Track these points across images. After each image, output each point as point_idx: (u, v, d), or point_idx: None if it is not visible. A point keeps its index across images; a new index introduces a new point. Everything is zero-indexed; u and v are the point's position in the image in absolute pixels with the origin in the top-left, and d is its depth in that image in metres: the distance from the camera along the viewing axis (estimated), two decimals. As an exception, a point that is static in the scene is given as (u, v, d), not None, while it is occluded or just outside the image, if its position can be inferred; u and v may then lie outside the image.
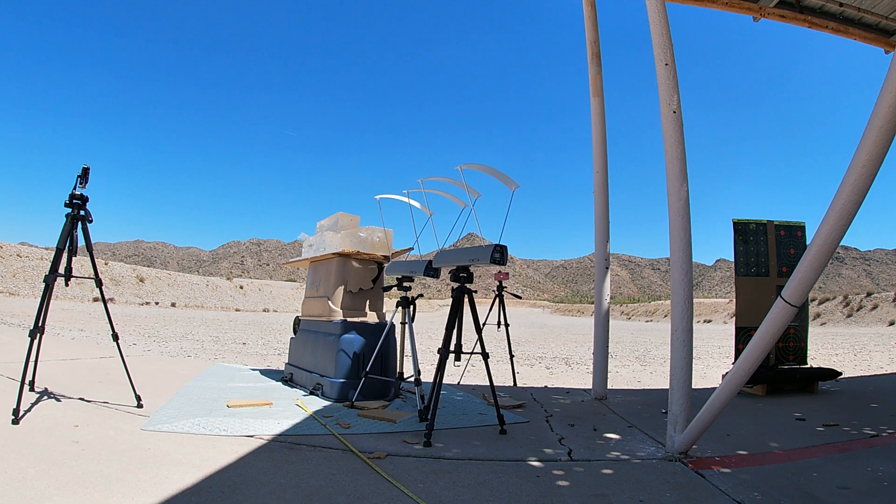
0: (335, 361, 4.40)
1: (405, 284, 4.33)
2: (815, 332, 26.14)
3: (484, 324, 4.14)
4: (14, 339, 6.43)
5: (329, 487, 2.39)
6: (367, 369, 4.18)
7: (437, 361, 3.62)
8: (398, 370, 4.64)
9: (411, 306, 4.32)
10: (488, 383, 3.69)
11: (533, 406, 4.49)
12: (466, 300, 3.79)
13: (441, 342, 3.56)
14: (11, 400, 3.02)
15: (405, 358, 4.65)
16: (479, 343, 3.72)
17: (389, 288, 4.66)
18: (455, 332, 3.81)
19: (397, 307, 4.32)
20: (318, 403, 4.14)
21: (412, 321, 4.28)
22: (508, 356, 6.32)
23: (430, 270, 4.03)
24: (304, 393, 4.56)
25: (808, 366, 5.44)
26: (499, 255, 3.48)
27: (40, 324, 3.20)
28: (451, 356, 3.61)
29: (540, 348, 16.88)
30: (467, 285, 3.71)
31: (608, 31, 5.44)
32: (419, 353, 12.42)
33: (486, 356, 3.72)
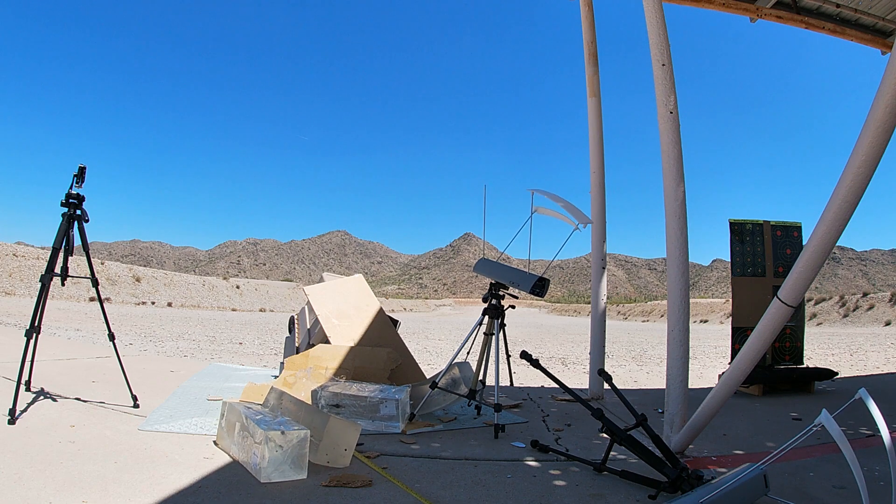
0: None
1: (499, 293, 3.75)
2: (811, 333, 26.24)
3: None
4: (10, 339, 6.40)
5: (326, 487, 2.38)
6: (439, 382, 3.72)
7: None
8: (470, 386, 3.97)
9: (500, 317, 3.75)
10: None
11: (529, 406, 4.50)
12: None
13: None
14: (8, 400, 3.00)
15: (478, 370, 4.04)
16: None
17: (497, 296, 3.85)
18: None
19: (484, 315, 3.80)
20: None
21: (500, 330, 3.77)
22: (505, 356, 6.32)
23: (537, 289, 3.42)
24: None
25: (804, 366, 5.46)
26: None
27: (36, 323, 3.18)
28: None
29: (536, 348, 16.86)
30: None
31: (605, 31, 5.45)
32: (429, 355, 12.41)
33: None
